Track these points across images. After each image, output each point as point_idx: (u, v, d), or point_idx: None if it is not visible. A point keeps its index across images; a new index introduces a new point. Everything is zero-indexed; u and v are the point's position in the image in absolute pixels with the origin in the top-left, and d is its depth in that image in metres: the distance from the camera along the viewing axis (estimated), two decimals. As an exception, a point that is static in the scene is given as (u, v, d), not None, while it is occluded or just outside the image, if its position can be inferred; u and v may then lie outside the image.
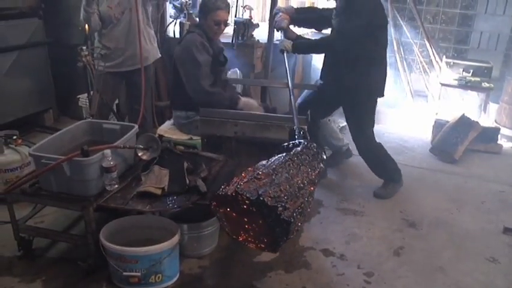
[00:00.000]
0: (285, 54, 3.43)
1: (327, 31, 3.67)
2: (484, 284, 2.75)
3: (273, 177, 2.08)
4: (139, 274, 2.41)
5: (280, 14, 3.60)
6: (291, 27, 3.65)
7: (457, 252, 3.05)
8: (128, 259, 2.39)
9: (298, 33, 3.67)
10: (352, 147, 3.99)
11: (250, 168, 2.16)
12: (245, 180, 2.05)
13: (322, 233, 3.19)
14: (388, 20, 3.51)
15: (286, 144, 2.48)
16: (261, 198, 1.93)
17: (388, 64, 3.56)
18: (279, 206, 1.92)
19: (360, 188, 3.87)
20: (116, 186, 2.60)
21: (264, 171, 2.12)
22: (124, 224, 2.65)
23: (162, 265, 2.44)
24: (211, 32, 3.32)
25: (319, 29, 4.07)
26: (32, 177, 2.61)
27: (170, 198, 2.56)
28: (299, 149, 2.39)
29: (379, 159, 3.73)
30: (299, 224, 2.01)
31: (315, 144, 2.50)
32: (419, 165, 4.37)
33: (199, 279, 2.67)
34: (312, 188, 2.17)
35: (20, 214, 2.76)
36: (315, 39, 3.77)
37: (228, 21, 3.37)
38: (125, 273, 2.41)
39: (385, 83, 3.55)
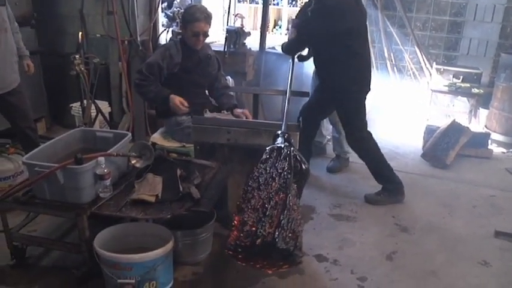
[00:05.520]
0: (291, 61, 3.51)
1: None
2: (476, 287, 2.78)
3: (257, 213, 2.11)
4: (133, 281, 2.40)
5: (291, 31, 3.72)
6: None
7: (450, 256, 3.07)
8: (122, 266, 2.39)
9: None
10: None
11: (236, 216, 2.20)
12: (238, 228, 2.10)
13: (315, 238, 3.20)
14: (376, 28, 3.52)
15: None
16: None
17: (375, 66, 3.59)
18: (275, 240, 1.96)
19: (352, 193, 3.90)
20: (110, 193, 2.61)
21: (249, 212, 2.14)
22: (118, 232, 2.64)
23: (157, 272, 2.43)
24: (190, 43, 3.35)
25: None
26: (25, 186, 2.61)
27: (164, 206, 2.56)
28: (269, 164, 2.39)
29: (373, 160, 3.72)
30: (298, 230, 2.04)
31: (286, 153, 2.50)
32: (411, 171, 4.40)
33: (193, 285, 2.68)
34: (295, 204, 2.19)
35: (13, 222, 2.76)
36: (290, 39, 3.79)
37: (208, 32, 3.37)
38: (119, 281, 2.39)
39: (365, 78, 3.54)
